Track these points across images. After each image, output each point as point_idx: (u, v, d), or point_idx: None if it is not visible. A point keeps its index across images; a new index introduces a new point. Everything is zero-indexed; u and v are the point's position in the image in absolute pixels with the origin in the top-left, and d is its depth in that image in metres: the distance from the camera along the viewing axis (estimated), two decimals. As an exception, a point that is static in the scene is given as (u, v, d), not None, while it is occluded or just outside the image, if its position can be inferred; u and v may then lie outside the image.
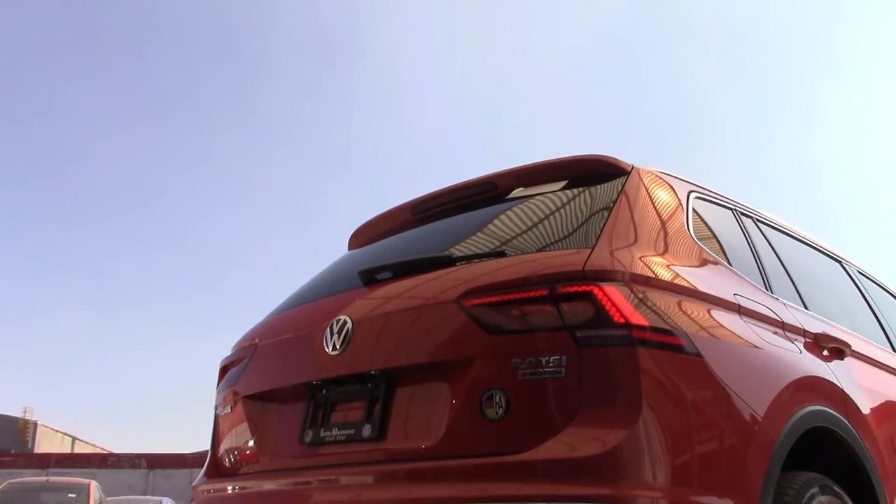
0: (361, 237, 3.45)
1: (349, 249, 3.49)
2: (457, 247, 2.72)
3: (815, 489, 2.43)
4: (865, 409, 2.92)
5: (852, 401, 2.85)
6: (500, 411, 2.16)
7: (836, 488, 2.54)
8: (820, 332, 2.96)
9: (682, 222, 2.70)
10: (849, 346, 3.10)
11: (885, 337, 3.80)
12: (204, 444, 3.18)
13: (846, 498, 2.58)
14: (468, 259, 2.56)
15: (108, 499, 15.59)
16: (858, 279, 3.98)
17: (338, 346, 2.55)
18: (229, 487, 2.81)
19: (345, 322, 2.57)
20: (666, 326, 2.20)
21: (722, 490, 2.13)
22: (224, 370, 3.11)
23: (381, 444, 2.39)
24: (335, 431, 2.52)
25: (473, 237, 2.76)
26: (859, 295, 3.89)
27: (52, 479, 16.47)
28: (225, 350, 3.20)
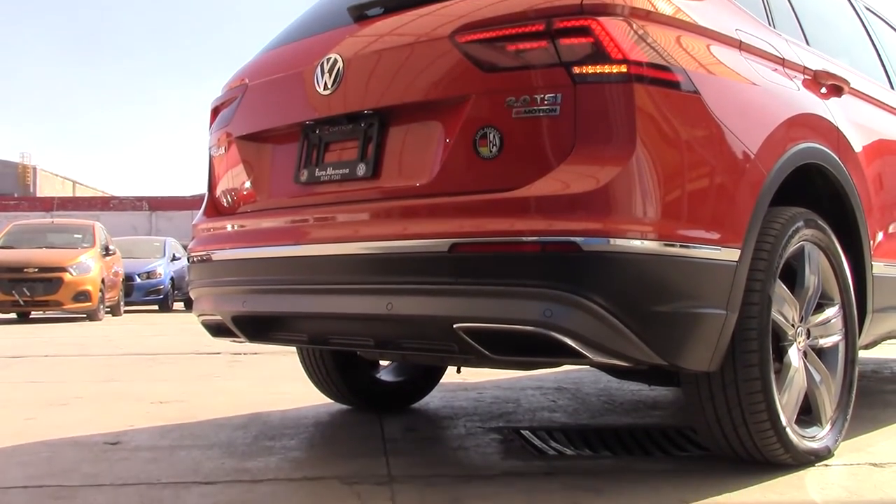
0: (350, -29, 3.29)
1: (338, -16, 3.33)
2: None
3: (801, 223, 2.50)
4: (857, 147, 2.95)
5: (845, 137, 2.86)
6: (494, 149, 2.17)
7: (820, 223, 2.61)
8: (820, 68, 2.92)
9: None
10: (847, 83, 3.06)
11: (885, 75, 3.76)
12: (203, 188, 3.22)
13: (829, 232, 2.66)
14: None
15: (114, 239, 16.00)
16: (865, 15, 3.87)
17: (329, 86, 2.51)
18: (228, 225, 2.87)
19: (335, 61, 2.51)
20: (664, 63, 2.16)
21: (709, 224, 2.19)
22: (216, 111, 3.08)
23: (376, 183, 2.42)
24: (330, 171, 2.54)
25: None
26: (864, 31, 3.80)
27: (58, 220, 16.76)
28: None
